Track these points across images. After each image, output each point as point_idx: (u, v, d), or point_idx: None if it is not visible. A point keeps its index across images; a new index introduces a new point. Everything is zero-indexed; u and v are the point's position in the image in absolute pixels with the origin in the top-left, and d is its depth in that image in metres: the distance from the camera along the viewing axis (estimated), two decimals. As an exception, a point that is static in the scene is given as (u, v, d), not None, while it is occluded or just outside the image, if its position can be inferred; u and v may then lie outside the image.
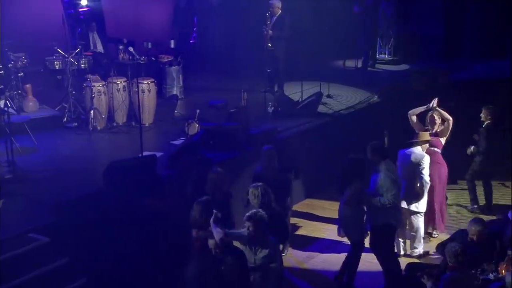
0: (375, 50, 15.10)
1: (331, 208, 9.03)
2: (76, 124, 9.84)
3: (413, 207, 7.52)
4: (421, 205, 7.56)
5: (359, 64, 14.45)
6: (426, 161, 7.43)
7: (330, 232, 8.54)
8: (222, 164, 8.24)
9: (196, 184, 6.90)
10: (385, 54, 15.55)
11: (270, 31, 11.64)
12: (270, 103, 10.73)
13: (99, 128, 9.78)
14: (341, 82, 12.85)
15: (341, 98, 11.91)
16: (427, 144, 7.70)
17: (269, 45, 11.76)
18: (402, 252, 7.86)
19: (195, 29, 15.96)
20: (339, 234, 7.31)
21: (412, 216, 7.63)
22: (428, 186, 7.46)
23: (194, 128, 9.35)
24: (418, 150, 7.52)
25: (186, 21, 15.80)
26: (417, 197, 7.48)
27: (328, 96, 11.71)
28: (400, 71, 14.25)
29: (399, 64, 14.84)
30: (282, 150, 7.97)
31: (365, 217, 6.93)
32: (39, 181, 7.60)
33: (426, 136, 7.71)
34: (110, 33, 13.40)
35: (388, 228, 6.83)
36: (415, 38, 15.20)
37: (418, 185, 7.44)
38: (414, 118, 8.04)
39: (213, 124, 9.12)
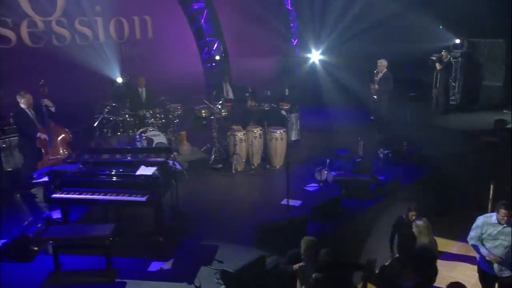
0: (448, 98, 12.57)
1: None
2: (221, 165, 8.09)
3: None
4: None
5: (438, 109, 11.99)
6: None
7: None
8: (362, 214, 6.24)
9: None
10: (454, 101, 12.94)
11: (376, 86, 9.55)
12: (381, 149, 8.56)
13: (239, 169, 8.00)
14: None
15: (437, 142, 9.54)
16: None
17: (375, 97, 9.66)
18: None
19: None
20: None
21: None
22: None
23: (324, 175, 7.37)
24: None
25: (291, 72, 14.00)
26: None
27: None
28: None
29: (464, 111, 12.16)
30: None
31: None
32: (198, 230, 5.82)
33: None
34: (236, 82, 11.74)
35: None
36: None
37: None
38: None
39: (347, 175, 7.04)
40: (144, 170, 5.34)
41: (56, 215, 5.77)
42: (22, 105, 6.77)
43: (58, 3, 8.86)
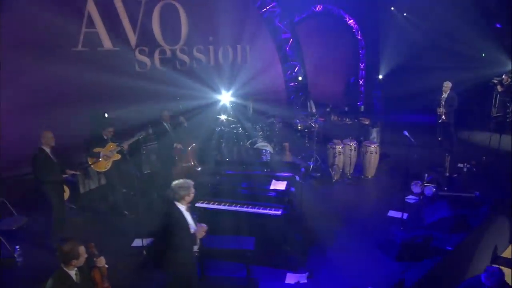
0: (506, 117, 10.54)
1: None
2: (319, 174, 6.98)
3: None
4: None
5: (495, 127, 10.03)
6: None
7: None
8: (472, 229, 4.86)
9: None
10: (509, 119, 10.84)
11: (443, 109, 7.84)
12: (464, 163, 7.02)
13: (335, 178, 6.85)
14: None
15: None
16: None
17: (443, 117, 7.94)
18: None
19: (362, 96, 12.61)
20: None
21: None
22: None
23: (418, 187, 6.04)
24: None
25: (356, 92, 12.56)
26: None
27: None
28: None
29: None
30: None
31: None
32: (320, 241, 4.73)
33: None
34: (315, 99, 10.58)
35: None
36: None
37: None
38: None
39: (451, 192, 5.66)
40: (277, 185, 4.39)
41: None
42: (161, 119, 6.13)
43: (182, 35, 8.25)
